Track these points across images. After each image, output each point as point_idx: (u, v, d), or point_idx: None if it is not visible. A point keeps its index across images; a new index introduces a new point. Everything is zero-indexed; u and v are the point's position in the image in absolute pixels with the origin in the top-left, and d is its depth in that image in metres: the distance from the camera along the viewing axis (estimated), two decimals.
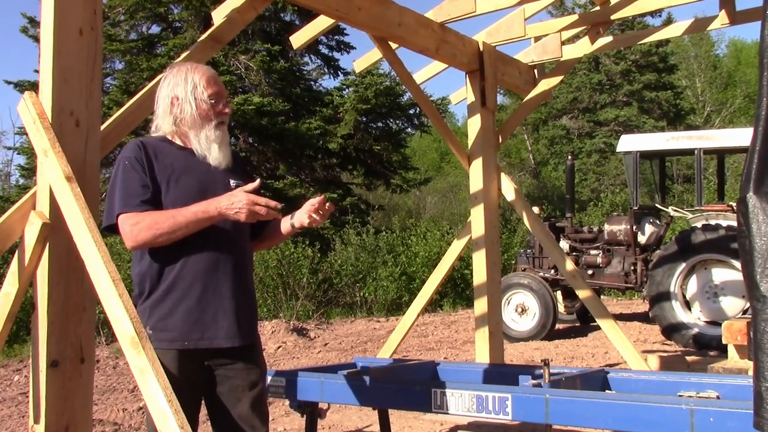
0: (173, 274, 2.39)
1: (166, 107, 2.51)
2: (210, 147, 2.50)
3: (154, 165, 2.42)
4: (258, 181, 2.43)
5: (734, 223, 8.35)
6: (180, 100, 2.49)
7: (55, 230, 2.66)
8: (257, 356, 2.56)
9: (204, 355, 2.42)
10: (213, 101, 2.52)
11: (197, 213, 2.34)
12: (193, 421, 2.43)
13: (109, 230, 2.42)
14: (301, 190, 17.56)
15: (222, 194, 2.39)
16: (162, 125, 2.53)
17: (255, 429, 2.46)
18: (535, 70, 6.45)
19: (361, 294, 14.81)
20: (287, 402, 4.25)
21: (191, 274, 2.39)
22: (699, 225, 8.88)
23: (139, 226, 2.30)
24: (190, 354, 2.38)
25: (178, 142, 2.53)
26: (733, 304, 8.34)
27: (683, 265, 8.56)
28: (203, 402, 2.52)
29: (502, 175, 5.85)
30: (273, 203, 2.38)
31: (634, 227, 10.00)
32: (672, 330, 8.59)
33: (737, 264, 7.87)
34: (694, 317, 8.54)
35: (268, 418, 2.58)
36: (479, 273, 5.63)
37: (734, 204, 9.39)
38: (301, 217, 2.57)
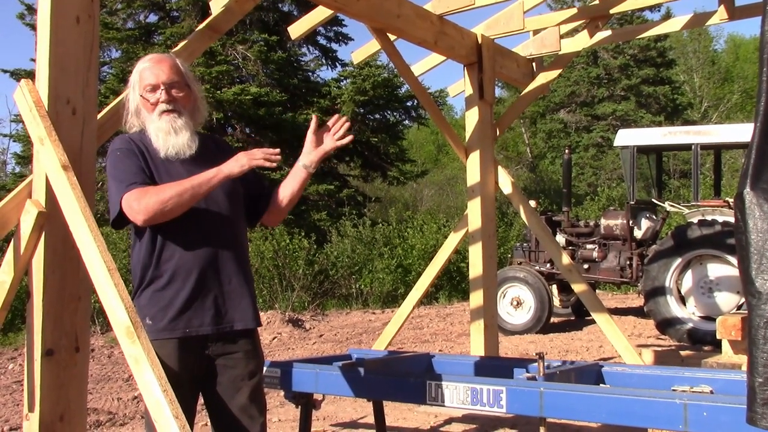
0: (172, 263, 2.39)
1: (129, 105, 2.54)
2: (158, 138, 2.47)
3: (145, 155, 2.44)
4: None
5: (730, 219, 8.37)
6: (133, 96, 2.53)
7: (51, 219, 2.66)
8: (256, 345, 2.57)
9: (205, 342, 2.42)
10: (149, 94, 2.48)
11: (201, 176, 2.37)
12: (191, 412, 2.43)
13: (117, 223, 2.39)
14: None
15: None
16: (131, 122, 2.55)
17: (253, 419, 2.46)
18: (534, 64, 6.45)
19: (357, 286, 14.82)
20: (282, 393, 4.25)
21: (190, 262, 2.39)
22: (695, 220, 8.89)
23: (145, 198, 2.31)
24: (192, 342, 2.38)
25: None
26: (727, 300, 8.36)
27: (679, 260, 8.58)
28: (201, 393, 2.52)
29: (499, 168, 5.85)
30: (271, 150, 2.41)
31: (631, 222, 10.01)
32: (666, 325, 8.61)
33: (733, 259, 7.89)
34: (689, 312, 8.56)
35: (266, 408, 2.58)
36: (475, 266, 5.64)
37: (730, 200, 9.41)
38: (312, 155, 2.58)
